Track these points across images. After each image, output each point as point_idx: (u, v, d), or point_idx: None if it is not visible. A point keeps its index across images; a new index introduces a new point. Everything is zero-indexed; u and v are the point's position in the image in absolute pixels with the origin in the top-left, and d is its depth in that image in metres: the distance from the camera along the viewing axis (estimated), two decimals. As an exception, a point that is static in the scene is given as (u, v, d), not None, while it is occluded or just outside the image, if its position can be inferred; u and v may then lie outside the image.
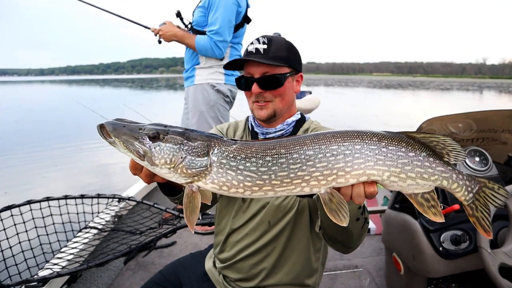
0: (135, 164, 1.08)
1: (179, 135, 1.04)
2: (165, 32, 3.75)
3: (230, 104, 4.04)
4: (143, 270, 3.23)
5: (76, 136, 13.00)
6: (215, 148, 1.04)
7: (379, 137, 1.05)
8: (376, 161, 1.03)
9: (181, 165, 1.02)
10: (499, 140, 2.60)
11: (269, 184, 1.04)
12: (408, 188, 1.08)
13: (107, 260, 2.35)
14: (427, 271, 2.14)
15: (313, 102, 7.18)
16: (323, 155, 1.03)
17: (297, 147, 1.05)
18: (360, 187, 1.07)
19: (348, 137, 1.04)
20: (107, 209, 3.29)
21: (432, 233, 2.10)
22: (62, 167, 8.96)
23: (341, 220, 1.04)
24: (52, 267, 2.33)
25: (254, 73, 1.63)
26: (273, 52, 1.61)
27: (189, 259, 2.04)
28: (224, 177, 1.04)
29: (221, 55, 3.65)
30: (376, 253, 3.50)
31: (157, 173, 1.05)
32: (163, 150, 1.01)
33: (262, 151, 1.05)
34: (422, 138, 1.09)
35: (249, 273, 1.70)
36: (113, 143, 1.01)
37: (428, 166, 1.06)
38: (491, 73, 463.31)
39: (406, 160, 1.05)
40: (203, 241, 3.78)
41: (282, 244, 1.66)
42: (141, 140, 1.01)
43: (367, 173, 1.04)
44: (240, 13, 3.65)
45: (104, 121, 1.03)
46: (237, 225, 1.72)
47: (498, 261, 1.83)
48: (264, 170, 1.04)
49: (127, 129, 1.02)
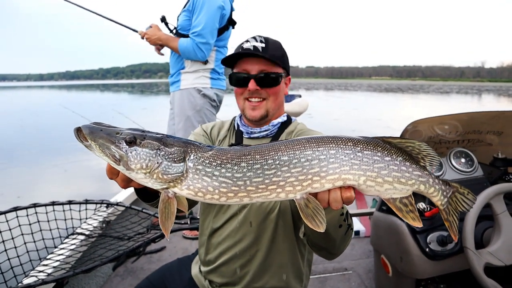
0: (112, 169, 1.07)
1: (156, 140, 1.03)
2: (150, 36, 3.76)
3: (216, 108, 4.03)
4: (132, 276, 3.20)
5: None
6: (191, 154, 1.04)
7: (354, 142, 1.05)
8: (351, 165, 1.03)
9: (157, 170, 1.01)
10: (484, 141, 2.63)
11: (244, 190, 1.04)
12: (385, 193, 1.08)
13: (94, 267, 2.32)
14: (415, 273, 2.15)
15: (302, 105, 7.26)
16: (297, 160, 1.03)
17: (272, 152, 1.05)
18: (337, 192, 1.07)
19: (323, 143, 1.05)
20: (95, 215, 3.24)
21: (419, 235, 2.11)
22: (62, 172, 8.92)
23: (317, 225, 1.04)
24: (37, 275, 2.30)
25: (251, 70, 1.63)
26: (271, 51, 1.62)
27: (176, 264, 2.03)
28: (199, 183, 1.03)
29: (204, 57, 3.63)
30: (365, 256, 3.51)
31: (133, 178, 1.04)
32: (139, 154, 1.00)
33: (237, 157, 1.04)
34: (398, 143, 1.09)
35: (233, 277, 1.68)
36: (89, 147, 1.00)
37: (405, 171, 1.07)
38: (489, 77, 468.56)
39: (382, 165, 1.05)
40: (192, 246, 3.76)
41: (265, 246, 1.64)
42: (118, 144, 1.00)
43: (342, 177, 1.04)
44: (225, 16, 3.65)
45: (81, 125, 1.02)
46: (218, 224, 1.71)
47: (483, 261, 1.85)
48: (239, 176, 1.03)
49: (104, 133, 1.00)
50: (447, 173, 2.44)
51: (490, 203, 1.94)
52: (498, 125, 2.51)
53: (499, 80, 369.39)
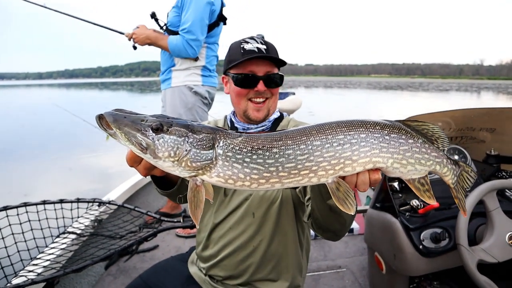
0: (134, 157, 1.05)
1: (184, 127, 1.00)
2: (138, 36, 3.70)
3: (208, 106, 4.00)
4: (124, 275, 3.17)
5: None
6: (220, 141, 1.02)
7: (381, 125, 1.08)
8: (380, 148, 1.06)
9: (185, 158, 0.98)
10: (477, 138, 2.64)
11: (276, 176, 1.03)
12: (407, 174, 1.12)
13: (85, 266, 2.30)
14: (408, 270, 2.14)
15: (295, 103, 7.31)
16: (330, 144, 1.04)
17: (304, 137, 1.04)
18: (366, 174, 1.09)
19: (353, 127, 1.06)
20: (87, 214, 3.21)
21: (412, 232, 2.11)
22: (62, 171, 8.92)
23: (348, 208, 1.05)
24: (27, 274, 2.26)
25: (258, 71, 1.64)
26: (272, 53, 1.66)
27: (170, 262, 2.01)
28: (230, 170, 1.02)
29: (195, 54, 3.60)
30: (359, 253, 3.51)
31: (159, 167, 1.01)
32: (167, 142, 0.98)
33: (268, 143, 1.03)
34: (416, 126, 1.13)
35: (236, 269, 1.69)
36: (114, 135, 0.97)
37: (424, 152, 1.11)
38: (488, 74, 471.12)
39: (406, 147, 1.09)
40: (186, 244, 3.73)
41: (268, 237, 1.65)
42: (144, 132, 0.97)
43: (373, 160, 1.06)
44: (214, 12, 3.61)
45: (103, 112, 0.98)
46: (219, 218, 1.71)
47: (476, 258, 1.85)
48: (271, 162, 1.02)
49: (128, 120, 0.97)
50: None
51: (483, 199, 1.94)
52: (490, 122, 2.52)
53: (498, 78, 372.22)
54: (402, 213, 2.21)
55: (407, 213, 2.20)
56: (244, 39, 1.67)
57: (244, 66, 1.65)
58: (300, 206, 1.66)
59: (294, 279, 1.73)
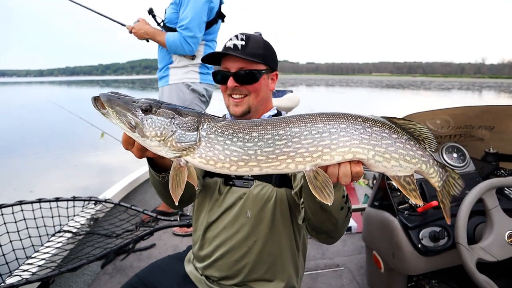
0: (128, 139, 1.10)
1: (171, 110, 1.06)
2: (137, 30, 3.70)
3: (206, 103, 3.98)
4: (120, 274, 3.14)
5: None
6: (204, 124, 1.07)
7: (364, 118, 1.08)
8: (361, 139, 1.06)
9: (171, 138, 1.03)
10: (476, 136, 2.62)
11: (255, 159, 1.06)
12: (392, 169, 1.12)
13: (81, 265, 2.27)
14: (407, 269, 2.13)
15: (293, 100, 7.32)
16: (308, 132, 1.05)
17: (283, 124, 1.07)
18: (347, 166, 1.09)
19: (333, 117, 1.07)
20: (83, 212, 3.18)
21: (411, 230, 2.09)
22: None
23: (325, 198, 1.05)
24: (21, 274, 2.23)
25: (231, 67, 1.65)
26: (251, 49, 1.64)
27: (167, 261, 2.01)
28: (211, 151, 1.06)
29: (192, 51, 3.57)
30: (357, 252, 3.49)
31: (147, 146, 1.06)
32: (155, 122, 1.03)
33: (249, 127, 1.07)
34: (402, 124, 1.13)
35: (231, 270, 1.68)
36: (106, 114, 1.02)
37: (409, 149, 1.11)
38: (490, 73, 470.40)
39: (390, 141, 1.09)
40: (183, 243, 3.71)
41: (263, 237, 1.64)
42: (134, 112, 1.02)
43: (352, 150, 1.06)
44: (213, 9, 3.59)
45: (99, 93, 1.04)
46: (213, 218, 1.71)
47: (475, 257, 1.83)
48: (250, 145, 1.06)
49: (121, 101, 1.03)
50: None
51: (482, 198, 1.93)
52: (489, 120, 2.50)
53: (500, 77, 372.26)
54: (401, 212, 2.19)
55: (405, 212, 2.18)
56: (231, 37, 1.68)
57: (223, 63, 1.69)
58: (296, 207, 1.65)
59: (290, 279, 1.72)
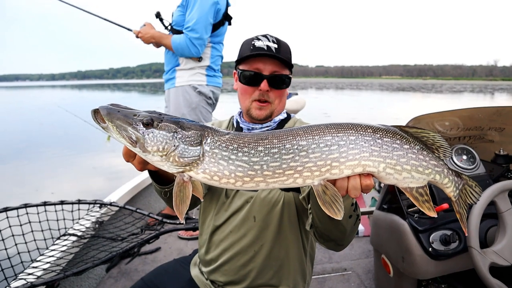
0: (128, 151, 1.07)
1: (173, 123, 1.02)
2: (144, 34, 3.71)
3: (212, 106, 3.96)
4: (125, 277, 3.12)
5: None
6: (208, 138, 1.04)
7: (374, 129, 1.04)
8: (371, 152, 1.02)
9: (173, 153, 1.00)
10: (485, 138, 2.58)
11: (261, 175, 1.03)
12: (403, 181, 1.07)
13: (86, 268, 2.25)
14: (417, 273, 2.09)
15: (299, 103, 7.26)
16: (316, 145, 1.01)
17: (290, 137, 1.03)
18: (356, 179, 1.05)
19: (342, 129, 1.03)
20: (88, 215, 3.17)
21: (421, 234, 2.06)
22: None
23: (335, 213, 1.01)
24: (26, 277, 2.21)
25: (263, 69, 1.60)
26: (283, 53, 1.61)
27: (173, 265, 1.99)
28: (215, 167, 1.02)
29: (198, 53, 3.57)
30: (364, 256, 3.45)
31: (149, 161, 1.03)
32: (156, 137, 1.00)
33: (254, 141, 1.03)
34: (414, 132, 1.09)
35: (237, 274, 1.65)
36: (106, 128, 0.99)
37: (422, 159, 1.06)
38: (502, 75, 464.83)
39: (401, 152, 1.04)
40: (188, 246, 3.68)
41: (270, 241, 1.61)
42: (135, 126, 0.99)
43: (362, 163, 1.02)
44: (220, 11, 3.58)
45: (98, 106, 1.01)
46: (220, 221, 1.68)
47: (488, 261, 1.79)
48: (256, 160, 1.02)
49: (121, 115, 0.99)
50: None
51: (494, 200, 1.89)
52: (499, 121, 2.46)
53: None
54: (411, 215, 2.16)
55: (415, 215, 2.14)
56: (257, 36, 1.63)
57: (252, 63, 1.62)
58: (303, 212, 1.62)
59: (296, 285, 1.69)
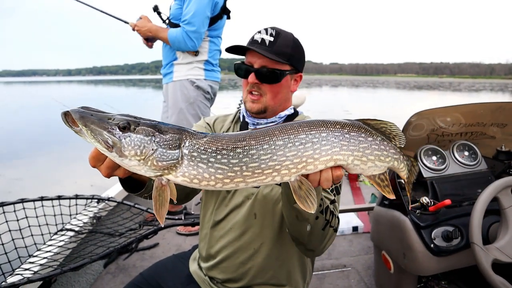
0: (97, 155, 1.02)
1: (151, 127, 1.00)
2: (140, 28, 3.67)
3: (210, 100, 3.93)
4: (123, 273, 3.09)
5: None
6: (186, 141, 1.02)
7: (341, 124, 1.11)
8: (341, 146, 1.09)
9: (151, 157, 0.98)
10: (487, 134, 2.56)
11: (241, 175, 1.04)
12: (368, 170, 1.16)
13: (83, 264, 2.22)
14: (418, 269, 2.07)
15: (299, 98, 7.23)
16: (292, 144, 1.06)
17: (267, 138, 1.06)
18: (328, 172, 1.11)
19: (314, 126, 1.09)
20: (86, 210, 3.13)
21: (423, 230, 2.04)
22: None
23: (309, 206, 1.06)
24: (23, 273, 2.18)
25: (254, 63, 1.59)
26: (278, 47, 1.57)
27: (172, 260, 1.97)
28: (195, 170, 1.02)
29: (194, 47, 3.53)
30: (364, 252, 3.44)
31: (125, 165, 0.99)
32: (134, 141, 0.97)
33: (232, 143, 1.04)
34: (375, 124, 1.18)
35: (236, 272, 1.63)
36: (79, 132, 0.95)
37: (383, 149, 1.17)
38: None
39: (366, 145, 1.13)
40: (186, 242, 3.66)
41: (271, 240, 1.59)
42: (111, 130, 0.96)
43: (334, 158, 1.09)
44: (217, 4, 3.54)
45: (69, 109, 0.96)
46: (220, 216, 1.67)
47: (491, 257, 1.77)
48: (235, 162, 1.03)
49: (95, 118, 0.95)
50: (450, 167, 2.36)
51: (497, 196, 1.87)
52: (501, 117, 2.44)
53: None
54: (412, 211, 2.14)
55: (417, 211, 2.13)
56: (260, 30, 1.61)
57: (247, 56, 1.62)
58: None
59: (296, 284, 1.68)
